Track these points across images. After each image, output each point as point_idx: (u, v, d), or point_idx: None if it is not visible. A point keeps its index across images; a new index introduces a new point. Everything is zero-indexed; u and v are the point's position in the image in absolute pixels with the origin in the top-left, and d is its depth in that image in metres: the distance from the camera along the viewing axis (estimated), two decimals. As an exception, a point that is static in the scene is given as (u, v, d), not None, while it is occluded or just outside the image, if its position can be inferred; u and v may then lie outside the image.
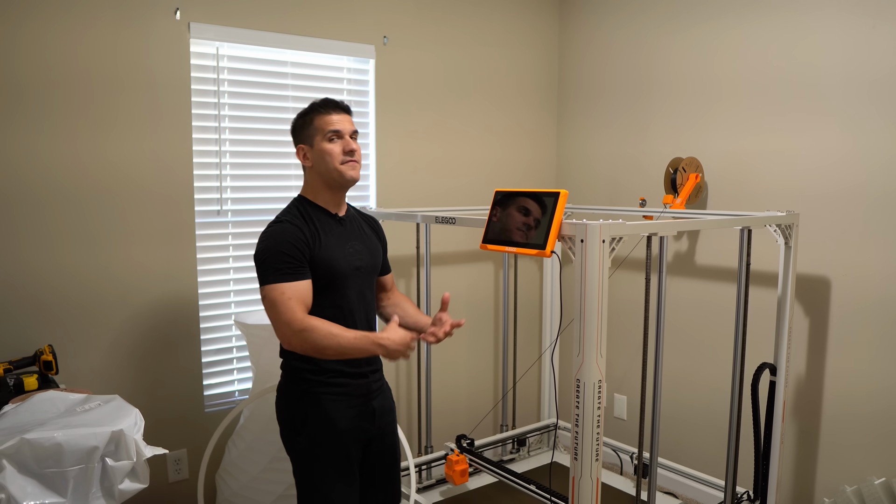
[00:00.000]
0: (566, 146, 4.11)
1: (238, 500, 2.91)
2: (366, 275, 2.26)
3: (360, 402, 2.22)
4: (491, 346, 4.01)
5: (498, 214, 2.32)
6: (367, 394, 2.24)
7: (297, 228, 2.12)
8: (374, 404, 2.26)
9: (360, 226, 2.33)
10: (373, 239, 2.35)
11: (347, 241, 2.22)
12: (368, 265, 2.27)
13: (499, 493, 3.39)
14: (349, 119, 2.22)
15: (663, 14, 3.50)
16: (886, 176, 2.74)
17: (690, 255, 3.48)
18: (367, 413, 2.24)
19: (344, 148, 2.16)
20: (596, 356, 2.07)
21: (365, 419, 2.23)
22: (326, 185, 2.20)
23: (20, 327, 2.68)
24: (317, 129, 2.17)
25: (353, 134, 2.21)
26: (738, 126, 3.21)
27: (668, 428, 3.59)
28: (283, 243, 2.08)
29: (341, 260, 2.17)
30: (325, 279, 2.14)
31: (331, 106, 2.20)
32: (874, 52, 2.74)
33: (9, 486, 1.67)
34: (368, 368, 2.24)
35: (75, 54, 2.69)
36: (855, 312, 2.87)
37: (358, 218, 2.36)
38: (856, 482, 2.83)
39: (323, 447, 2.17)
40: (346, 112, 2.23)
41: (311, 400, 2.19)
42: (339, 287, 2.17)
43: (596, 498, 2.14)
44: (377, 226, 2.44)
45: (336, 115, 2.18)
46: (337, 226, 2.22)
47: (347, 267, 2.18)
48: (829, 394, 2.98)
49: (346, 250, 2.20)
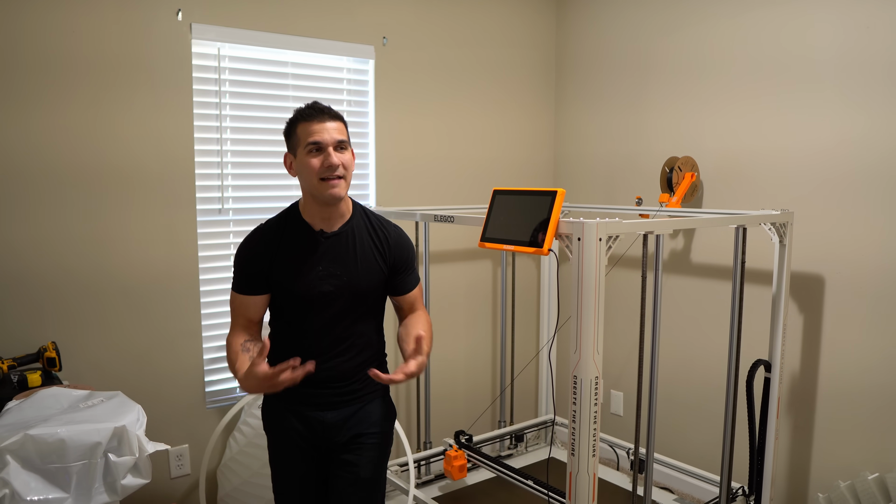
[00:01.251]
0: (563, 145, 4.11)
1: (239, 495, 2.92)
2: (339, 299, 2.03)
3: (304, 409, 2.10)
4: (489, 343, 4.01)
5: (496, 213, 2.32)
6: (315, 403, 2.09)
7: (257, 243, 2.04)
8: (327, 416, 2.09)
9: (354, 244, 2.06)
10: (370, 261, 2.08)
11: (320, 262, 2.02)
12: (344, 290, 2.03)
13: (497, 488, 3.39)
14: (336, 127, 1.97)
15: (660, 13, 3.50)
16: (880, 175, 2.74)
17: (686, 252, 3.48)
18: (310, 421, 2.10)
19: (323, 162, 1.93)
20: (593, 353, 2.07)
21: (306, 426, 2.11)
22: (312, 198, 2.01)
23: (24, 324, 2.68)
24: (299, 140, 1.96)
25: (337, 145, 1.96)
26: (733, 124, 3.21)
27: (664, 424, 3.59)
28: (240, 255, 2.05)
29: (300, 283, 2.01)
30: (281, 300, 2.05)
31: (315, 112, 1.97)
32: (869, 52, 2.74)
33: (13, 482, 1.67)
34: (327, 384, 2.08)
35: (79, 53, 2.68)
36: (848, 310, 2.88)
37: (362, 233, 2.09)
38: (849, 477, 2.84)
39: (271, 447, 2.18)
40: (332, 119, 1.97)
41: (265, 400, 2.19)
42: (299, 310, 2.03)
43: (593, 493, 2.15)
44: (388, 244, 2.12)
45: (318, 123, 1.94)
46: (312, 244, 2.03)
47: (308, 291, 2.01)
48: (822, 390, 2.99)
49: (312, 273, 2.01)
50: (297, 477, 2.15)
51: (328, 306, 2.03)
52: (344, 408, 2.11)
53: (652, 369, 2.47)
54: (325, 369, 2.05)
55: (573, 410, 2.12)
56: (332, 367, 2.08)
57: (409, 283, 2.17)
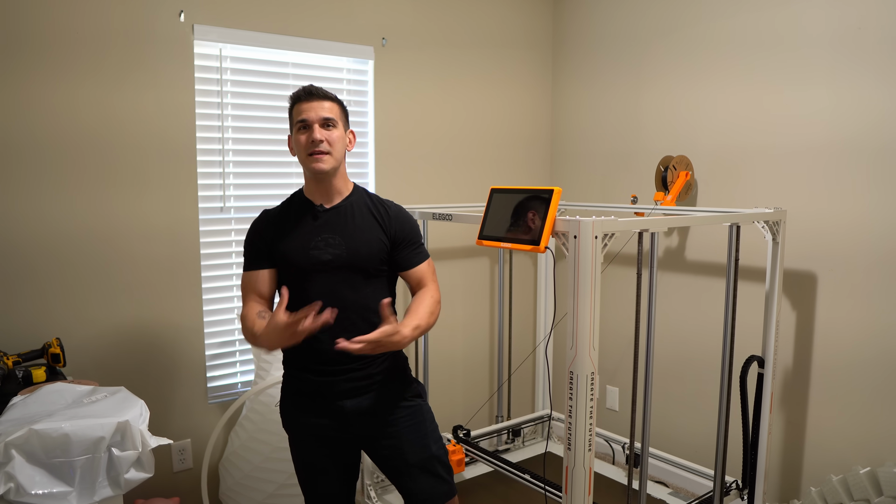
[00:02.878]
0: (560, 145, 4.11)
1: (241, 489, 2.92)
2: (340, 269, 2.07)
3: (322, 400, 2.11)
4: (486, 339, 4.01)
5: (493, 211, 2.32)
6: (332, 393, 2.09)
7: (261, 221, 2.16)
8: (346, 404, 2.10)
9: (353, 217, 2.12)
10: (369, 231, 2.12)
11: (318, 234, 2.08)
12: (343, 259, 2.06)
13: (494, 482, 3.40)
14: (324, 105, 2.06)
15: (656, 14, 3.50)
16: (872, 171, 2.74)
17: (681, 250, 3.48)
18: (331, 412, 2.11)
19: (307, 138, 2.04)
20: (589, 349, 2.08)
21: (327, 417, 2.11)
22: (309, 175, 2.13)
23: (29, 321, 2.68)
24: (292, 120, 2.10)
25: (324, 122, 2.05)
26: (727, 124, 3.21)
27: (659, 419, 3.60)
28: (248, 234, 2.16)
29: (299, 252, 2.06)
30: (284, 272, 2.10)
31: (303, 94, 2.07)
32: (861, 46, 2.74)
33: (17, 476, 1.67)
34: (340, 367, 2.08)
35: (83, 52, 2.68)
36: (840, 306, 2.88)
37: (362, 208, 2.16)
38: (841, 472, 2.84)
39: (293, 441, 2.21)
40: (320, 98, 2.07)
41: (283, 394, 2.22)
42: (302, 281, 2.06)
43: (589, 487, 2.15)
44: (387, 217, 2.17)
45: (307, 103, 2.05)
46: (312, 218, 2.11)
47: (306, 261, 2.05)
48: (815, 386, 2.99)
49: (310, 243, 2.07)
50: (320, 469, 2.19)
51: (330, 276, 2.06)
52: (361, 396, 2.11)
53: (647, 365, 2.47)
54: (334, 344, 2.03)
55: (569, 405, 2.12)
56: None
57: (413, 259, 2.19)
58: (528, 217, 2.17)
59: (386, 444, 2.16)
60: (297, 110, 2.07)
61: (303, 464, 2.20)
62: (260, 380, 2.99)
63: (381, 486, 3.16)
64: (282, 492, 2.87)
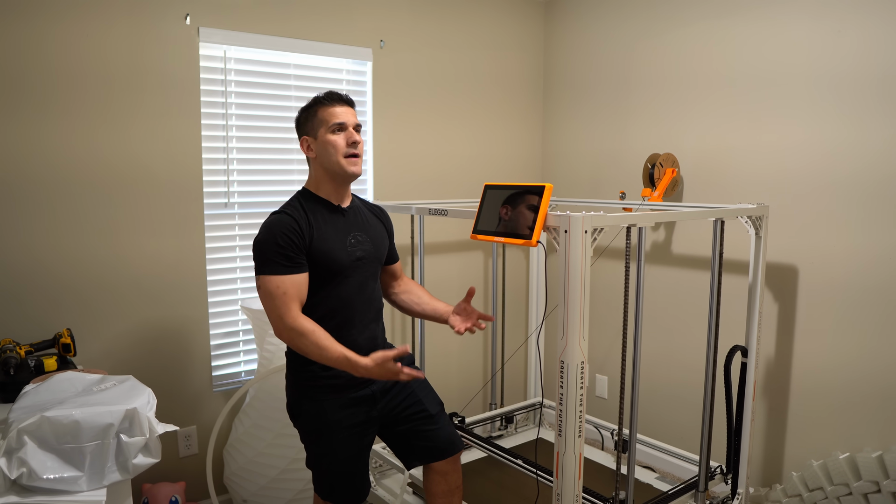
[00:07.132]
0: (551, 143, 4.11)
1: (244, 473, 2.92)
2: (368, 265, 2.17)
3: (353, 391, 2.13)
4: (480, 330, 4.01)
5: (487, 207, 2.32)
6: (360, 383, 2.13)
7: (293, 220, 2.03)
8: (374, 388, 2.17)
9: (364, 216, 2.23)
10: (378, 228, 2.26)
11: (349, 231, 2.13)
12: (371, 255, 2.18)
13: (488, 467, 3.40)
14: (353, 112, 2.12)
15: (643, 19, 3.50)
16: (848, 170, 2.75)
17: (667, 244, 3.49)
18: (362, 400, 2.15)
19: (347, 140, 2.06)
20: (579, 339, 2.08)
21: (361, 405, 2.15)
22: (329, 176, 2.11)
23: (41, 312, 2.68)
24: (321, 121, 2.07)
25: (356, 126, 2.10)
26: (712, 123, 3.22)
27: (647, 406, 3.61)
28: (280, 235, 2.00)
29: (340, 251, 2.09)
30: (323, 271, 2.06)
31: (335, 98, 2.10)
32: (838, 54, 2.74)
33: (30, 461, 1.67)
34: (370, 349, 2.09)
35: (92, 55, 2.67)
36: (820, 298, 2.89)
37: (363, 208, 2.27)
38: (822, 457, 2.86)
39: (321, 434, 2.16)
40: (349, 105, 2.12)
41: (304, 392, 2.15)
42: (339, 278, 2.09)
43: (579, 472, 2.16)
44: (384, 215, 2.34)
45: (340, 107, 2.08)
46: (338, 217, 2.14)
47: (347, 258, 2.10)
48: (796, 374, 3.00)
49: (346, 241, 2.11)
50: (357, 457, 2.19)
51: (362, 272, 2.15)
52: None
53: (635, 355, 2.48)
54: (368, 338, 2.16)
55: (560, 393, 2.13)
56: (372, 333, 2.20)
57: (394, 253, 2.40)
58: (521, 212, 2.17)
59: (408, 404, 2.27)
60: (332, 113, 2.07)
61: (342, 459, 2.16)
62: (263, 369, 2.99)
63: (380, 470, 3.16)
64: (284, 476, 2.87)
